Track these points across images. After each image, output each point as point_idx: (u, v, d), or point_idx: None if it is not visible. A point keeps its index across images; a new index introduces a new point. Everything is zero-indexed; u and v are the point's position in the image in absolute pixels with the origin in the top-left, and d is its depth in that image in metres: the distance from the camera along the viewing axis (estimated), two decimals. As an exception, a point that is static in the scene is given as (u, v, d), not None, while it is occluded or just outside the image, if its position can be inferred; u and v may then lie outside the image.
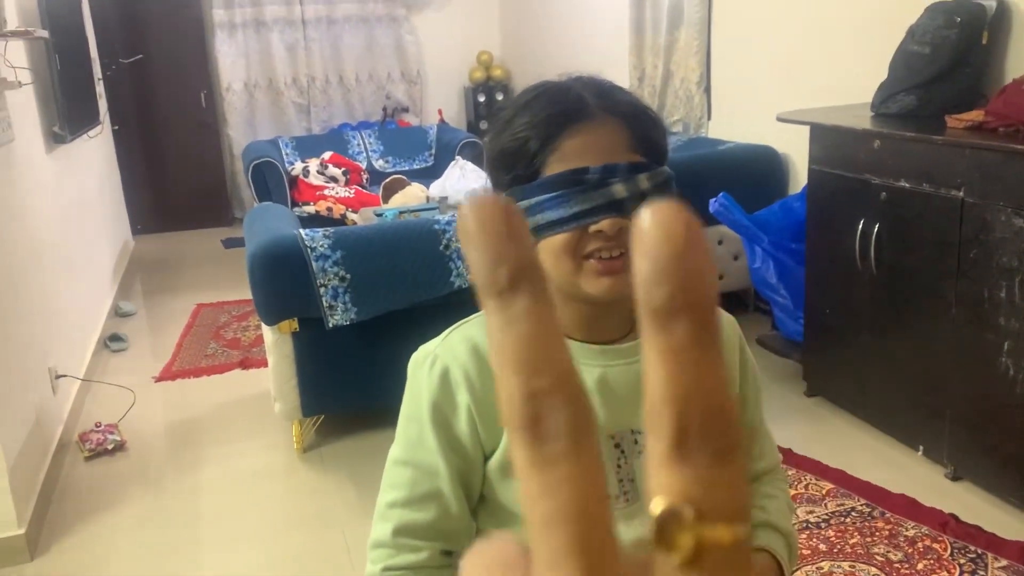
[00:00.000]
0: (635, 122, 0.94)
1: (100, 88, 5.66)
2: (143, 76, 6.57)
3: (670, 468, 0.18)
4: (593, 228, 0.90)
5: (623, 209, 0.89)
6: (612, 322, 0.97)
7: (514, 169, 0.93)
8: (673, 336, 0.18)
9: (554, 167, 0.90)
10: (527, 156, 0.91)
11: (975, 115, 2.52)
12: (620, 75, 5.24)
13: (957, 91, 2.78)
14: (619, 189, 0.88)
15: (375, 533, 0.99)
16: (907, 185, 2.59)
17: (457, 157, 5.12)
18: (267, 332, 2.91)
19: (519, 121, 0.93)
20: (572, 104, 0.92)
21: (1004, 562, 2.19)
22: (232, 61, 6.69)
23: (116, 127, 6.28)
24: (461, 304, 3.05)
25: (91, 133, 4.75)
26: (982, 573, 2.16)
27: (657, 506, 0.18)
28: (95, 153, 5.17)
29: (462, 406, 0.97)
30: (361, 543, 2.49)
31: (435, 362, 0.99)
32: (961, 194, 2.40)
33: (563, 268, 0.93)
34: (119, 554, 2.52)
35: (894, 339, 2.73)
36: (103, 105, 5.52)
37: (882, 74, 2.99)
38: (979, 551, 2.24)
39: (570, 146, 0.90)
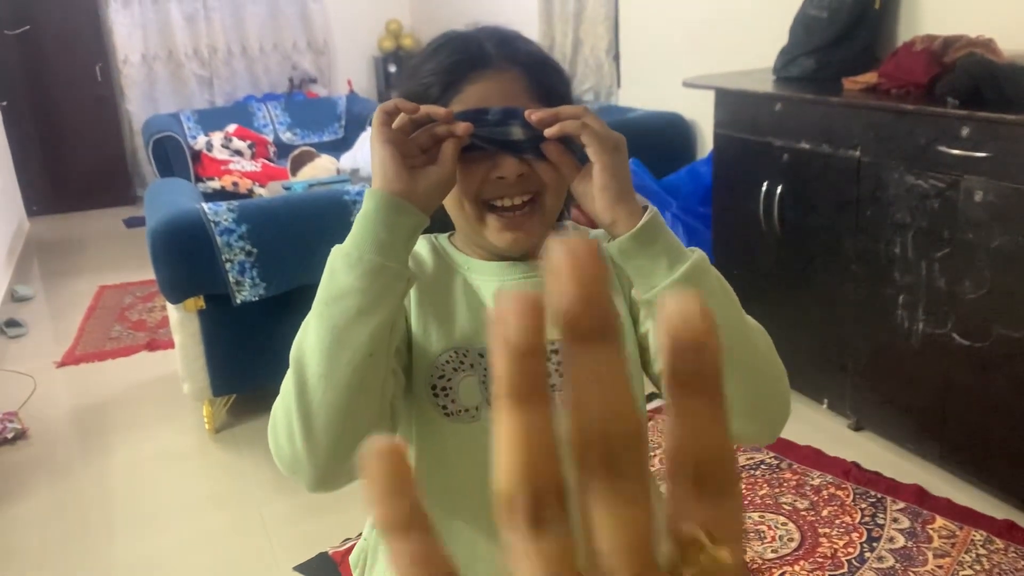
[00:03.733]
0: (536, 71, 0.95)
1: (-16, 61, 5.36)
2: (32, 48, 6.23)
3: (691, 503, 0.23)
4: (495, 174, 0.91)
5: (522, 150, 0.90)
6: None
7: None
8: (692, 403, 0.23)
9: (455, 108, 0.91)
10: (430, 101, 0.92)
11: (869, 77, 2.60)
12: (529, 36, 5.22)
13: (853, 54, 2.86)
14: (517, 131, 0.89)
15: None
16: (808, 146, 2.66)
17: (368, 128, 5.03)
18: (172, 311, 2.82)
19: (424, 68, 0.95)
20: (474, 52, 0.93)
21: (902, 504, 2.30)
22: (128, 32, 6.40)
23: (4, 103, 5.96)
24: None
25: (-25, 108, 4.49)
26: (882, 516, 2.26)
27: (688, 532, 0.23)
28: (-19, 130, 4.90)
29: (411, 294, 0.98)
30: (278, 520, 2.47)
31: None
32: (858, 154, 2.48)
33: (467, 215, 0.94)
34: (27, 544, 2.42)
35: (798, 296, 2.82)
36: (-12, 79, 5.23)
37: (783, 39, 3.06)
38: (879, 495, 2.35)
39: (471, 92, 0.92)
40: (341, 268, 0.84)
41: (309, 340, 0.85)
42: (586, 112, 0.87)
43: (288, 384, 0.85)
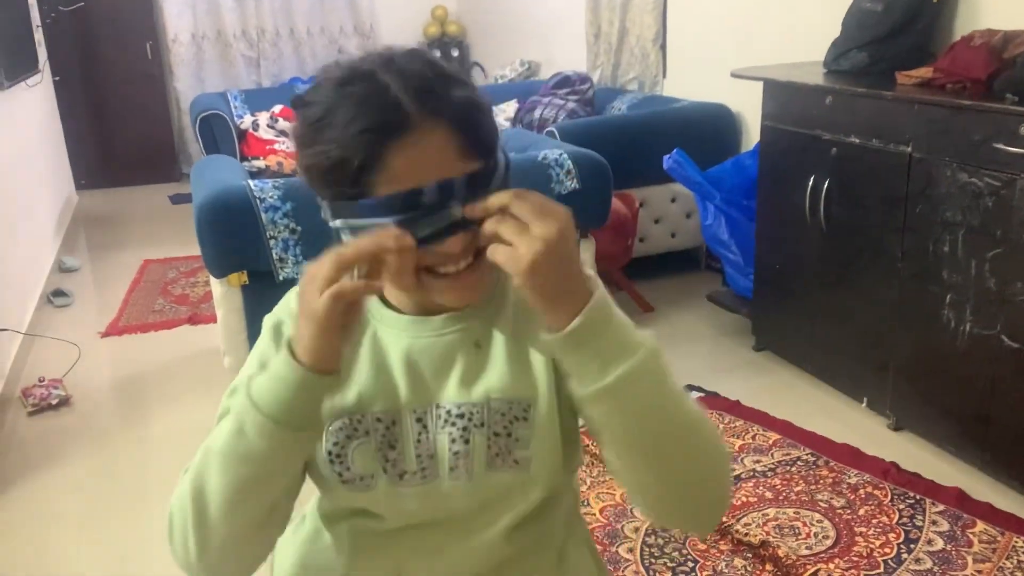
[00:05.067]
0: (463, 124, 0.81)
1: (39, 36, 5.46)
2: (85, 25, 6.34)
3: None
4: (440, 250, 0.81)
5: (467, 224, 0.80)
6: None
7: (335, 185, 0.82)
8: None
9: (383, 187, 0.79)
10: (348, 174, 0.79)
11: (924, 72, 2.55)
12: (576, 32, 5.20)
13: (907, 48, 2.80)
14: (457, 210, 0.79)
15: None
16: (857, 141, 2.62)
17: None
18: (215, 285, 2.86)
19: (330, 134, 0.80)
20: (392, 113, 0.78)
21: (941, 507, 2.26)
22: (179, 11, 6.49)
23: (57, 78, 6.07)
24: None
25: (29, 82, 4.58)
26: (920, 517, 2.22)
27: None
28: (35, 104, 5.00)
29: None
30: (312, 490, 2.48)
31: (270, 320, 0.96)
32: (909, 149, 2.44)
33: (403, 284, 0.85)
34: (66, 508, 2.48)
35: (841, 293, 2.78)
36: (43, 54, 5.33)
37: (835, 31, 3.01)
38: (918, 497, 2.31)
39: (397, 164, 0.78)
40: (253, 432, 0.78)
41: (211, 484, 0.82)
42: (515, 199, 0.76)
43: (186, 503, 0.84)
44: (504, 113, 5.25)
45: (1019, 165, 2.12)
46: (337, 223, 0.86)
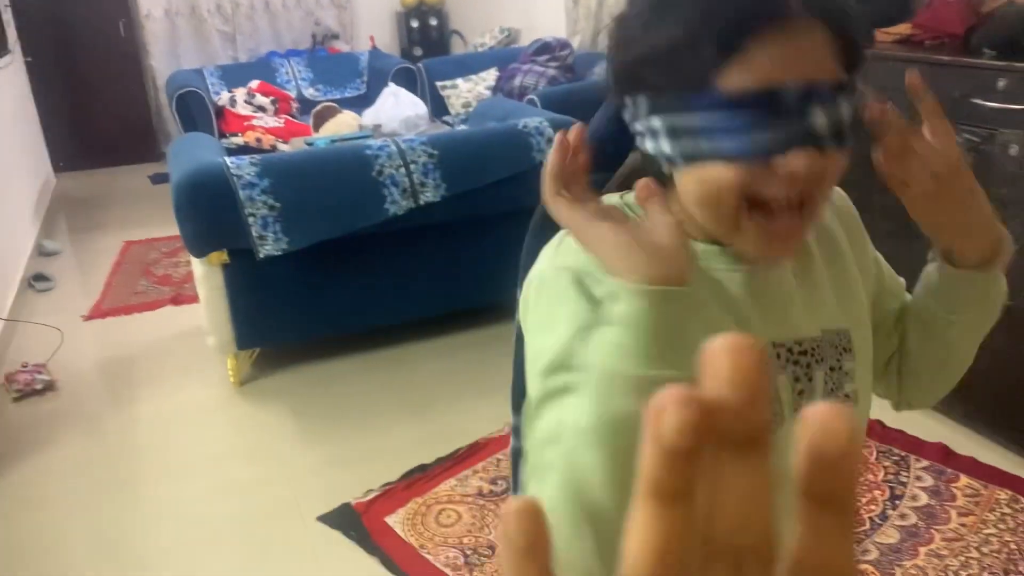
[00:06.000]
0: (841, 22, 0.71)
1: (8, 16, 5.36)
2: (55, 4, 6.21)
3: None
4: (784, 169, 0.69)
5: (821, 142, 0.69)
6: None
7: (673, 73, 0.70)
8: (822, 519, 0.22)
9: (735, 78, 0.68)
10: (697, 59, 0.68)
11: (903, 28, 2.53)
12: (555, 1, 5.15)
13: (887, 4, 2.77)
14: (820, 118, 0.68)
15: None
16: (837, 100, 2.60)
17: (390, 83, 4.99)
18: (196, 265, 2.84)
19: (682, 11, 0.70)
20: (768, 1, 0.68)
21: (925, 463, 2.28)
22: (151, -13, 6.38)
23: (29, 59, 5.97)
24: (396, 232, 3.02)
25: (0, 63, 4.50)
26: (905, 473, 2.25)
27: None
28: (6, 86, 4.91)
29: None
30: (302, 472, 2.50)
31: (564, 276, 0.77)
32: (889, 107, 2.42)
33: (719, 211, 0.72)
34: (55, 492, 2.48)
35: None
36: (11, 34, 5.23)
37: (814, -11, 2.98)
38: (903, 454, 2.33)
39: (762, 54, 0.67)
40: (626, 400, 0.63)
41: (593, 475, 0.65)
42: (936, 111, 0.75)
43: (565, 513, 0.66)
44: (484, 81, 5.21)
45: (998, 120, 2.12)
46: (654, 122, 0.73)
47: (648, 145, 0.75)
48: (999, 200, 2.15)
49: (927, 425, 2.46)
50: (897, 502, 2.14)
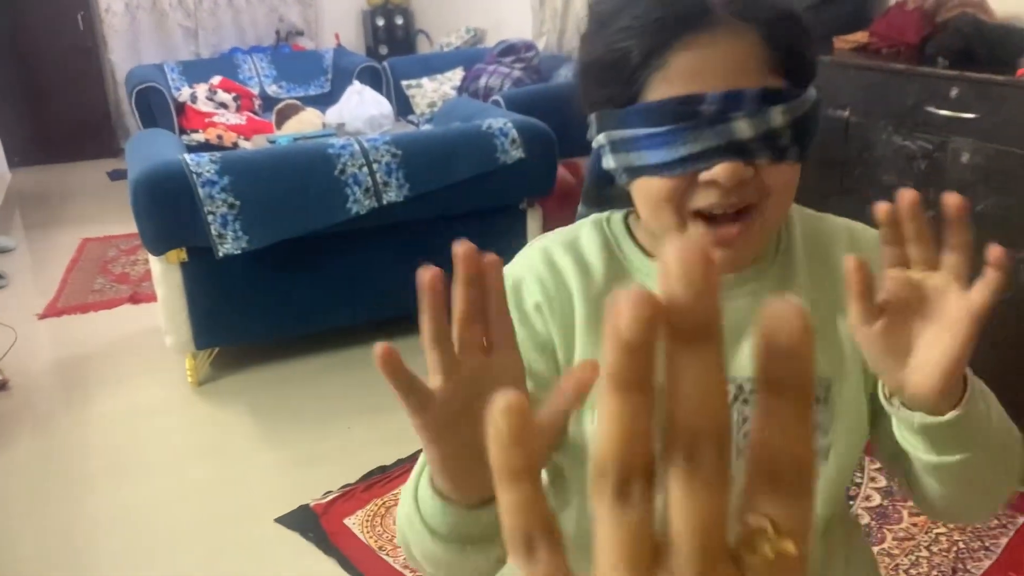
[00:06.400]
0: (776, 29, 0.68)
1: (-38, 7, 5.24)
2: (11, -5, 6.10)
3: (761, 496, 0.24)
4: (705, 176, 0.68)
5: (746, 152, 0.67)
6: None
7: (608, 86, 0.71)
8: (779, 405, 0.23)
9: (658, 89, 0.68)
10: (625, 72, 0.68)
11: (860, 36, 2.58)
12: (522, 3, 5.16)
13: (845, 13, 2.82)
14: (742, 126, 0.66)
15: None
16: (796, 106, 2.64)
17: (355, 82, 4.96)
18: (155, 263, 2.80)
19: (618, 24, 0.69)
20: (689, 4, 0.67)
21: (879, 463, 2.32)
22: (111, -20, 6.27)
23: (-17, 51, 5.85)
24: (358, 231, 3.00)
25: (-47, 55, 4.40)
26: (859, 474, 2.29)
27: (755, 522, 0.24)
28: (-40, 78, 4.81)
29: (532, 306, 0.80)
30: (260, 473, 2.47)
31: (508, 277, 0.79)
32: (847, 114, 2.47)
33: (662, 221, 0.73)
34: (8, 492, 2.42)
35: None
36: (-34, 25, 5.12)
37: (775, -4, 3.02)
38: (857, 455, 2.37)
39: (681, 62, 0.67)
40: (428, 541, 0.66)
41: (414, 550, 0.70)
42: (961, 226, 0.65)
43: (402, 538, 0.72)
44: (450, 81, 5.20)
45: (950, 128, 2.16)
46: (601, 139, 0.74)
47: (604, 162, 0.76)
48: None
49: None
50: (851, 502, 2.17)
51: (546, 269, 0.82)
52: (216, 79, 5.38)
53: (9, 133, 6.02)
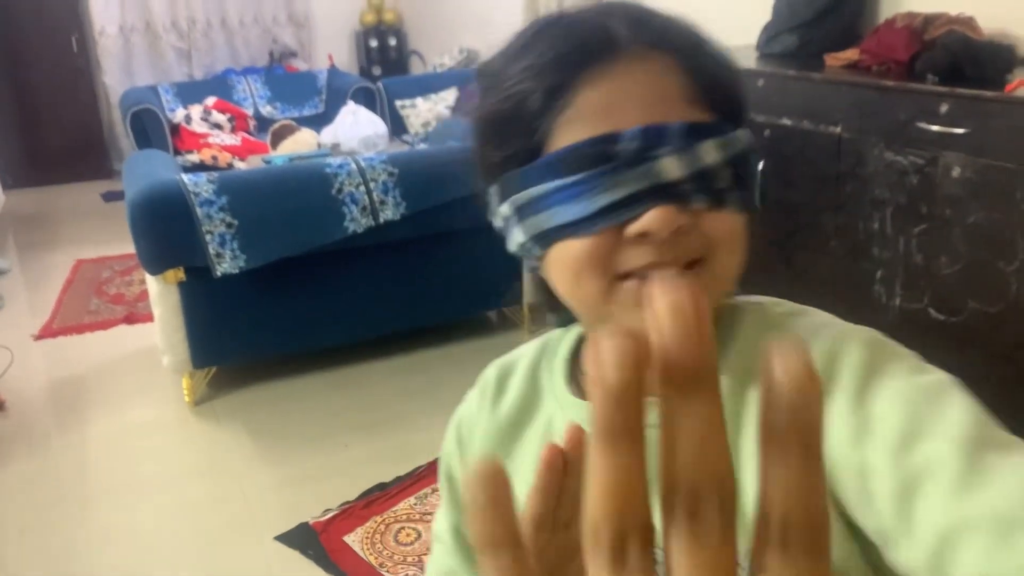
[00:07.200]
0: (696, 58, 0.60)
1: (-43, 30, 5.26)
2: (4, 18, 6.12)
3: (771, 558, 0.22)
4: (633, 229, 0.56)
5: (678, 195, 0.56)
6: None
7: (508, 143, 0.61)
8: (789, 458, 0.22)
9: (566, 135, 0.58)
10: (525, 119, 0.59)
11: (851, 54, 2.61)
12: (514, 19, 5.19)
13: (836, 31, 2.87)
14: (669, 165, 0.56)
15: None
16: (789, 122, 2.67)
17: (349, 102, 5.00)
18: (152, 283, 2.80)
19: (514, 69, 0.60)
20: (591, 36, 0.58)
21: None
22: (105, 2, 6.29)
23: (-23, 73, 5.86)
24: (355, 250, 3.01)
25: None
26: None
27: None
28: (-45, 100, 4.82)
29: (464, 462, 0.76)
30: (258, 491, 2.47)
31: (457, 412, 0.77)
32: (839, 130, 2.50)
33: (586, 291, 0.60)
34: (5, 514, 2.41)
35: (777, 272, 2.84)
36: (-39, 48, 5.13)
37: (767, 16, 3.06)
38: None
39: (590, 99, 0.57)
40: None
41: None
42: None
43: None
44: (444, 101, 5.24)
45: (941, 143, 2.19)
46: (504, 210, 0.62)
47: (512, 240, 0.64)
48: (941, 220, 2.22)
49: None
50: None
51: (476, 398, 0.75)
52: (210, 100, 5.40)
53: (3, 155, 6.03)
